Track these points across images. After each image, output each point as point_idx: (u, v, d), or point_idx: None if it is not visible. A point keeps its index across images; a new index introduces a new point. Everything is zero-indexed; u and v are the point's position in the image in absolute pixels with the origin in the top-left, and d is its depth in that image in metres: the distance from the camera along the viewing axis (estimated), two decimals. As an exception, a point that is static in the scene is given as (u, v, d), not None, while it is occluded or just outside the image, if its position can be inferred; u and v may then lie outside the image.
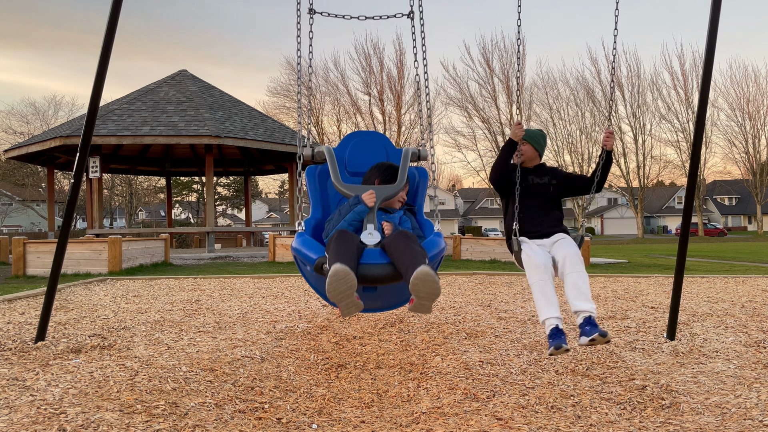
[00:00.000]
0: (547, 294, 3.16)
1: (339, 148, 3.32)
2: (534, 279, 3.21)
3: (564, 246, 3.34)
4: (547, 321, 3.14)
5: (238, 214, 67.87)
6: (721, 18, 3.87)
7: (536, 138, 3.75)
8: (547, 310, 3.14)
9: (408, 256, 2.38)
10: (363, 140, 3.31)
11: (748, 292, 7.12)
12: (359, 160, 3.24)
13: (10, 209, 49.84)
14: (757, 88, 52.53)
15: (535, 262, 3.22)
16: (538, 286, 3.18)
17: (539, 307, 3.18)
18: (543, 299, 3.16)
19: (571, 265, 3.18)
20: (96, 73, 4.06)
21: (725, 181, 69.29)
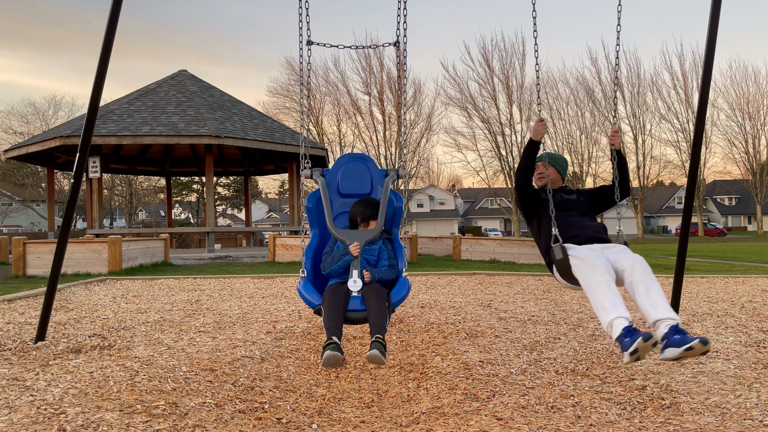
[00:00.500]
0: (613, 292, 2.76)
1: (332, 171, 3.77)
2: (594, 279, 2.82)
3: (626, 253, 3.01)
4: (616, 321, 2.69)
5: (238, 214, 67.89)
6: (721, 18, 3.87)
7: (560, 161, 3.76)
8: (614, 309, 2.72)
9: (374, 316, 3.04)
10: (351, 166, 3.75)
11: (748, 292, 7.12)
12: (348, 183, 3.73)
13: (10, 209, 49.84)
14: (757, 88, 52.62)
15: (593, 260, 2.89)
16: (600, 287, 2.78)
17: (604, 306, 2.75)
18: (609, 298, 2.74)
19: (642, 272, 2.84)
20: (96, 73, 4.06)
21: (725, 181, 69.30)
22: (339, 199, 3.67)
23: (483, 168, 47.80)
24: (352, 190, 3.68)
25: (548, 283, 8.35)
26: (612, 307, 2.71)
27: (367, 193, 3.71)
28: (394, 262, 3.45)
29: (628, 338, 2.56)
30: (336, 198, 3.67)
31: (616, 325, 2.67)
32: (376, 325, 3.01)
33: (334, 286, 3.21)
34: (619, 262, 2.94)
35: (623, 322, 2.66)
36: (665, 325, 2.65)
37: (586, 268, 2.89)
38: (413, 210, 69.73)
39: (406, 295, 3.29)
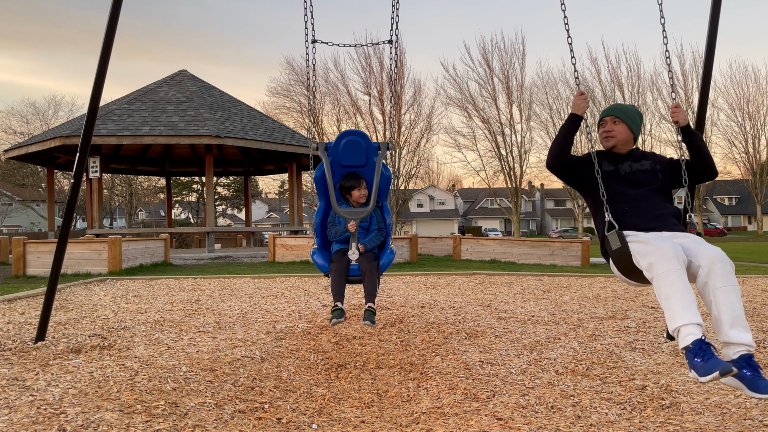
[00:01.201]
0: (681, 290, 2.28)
1: (334, 145, 4.25)
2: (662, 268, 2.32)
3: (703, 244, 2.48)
4: (685, 329, 2.28)
5: (238, 214, 67.88)
6: (721, 18, 3.87)
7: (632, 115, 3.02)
8: (685, 312, 2.28)
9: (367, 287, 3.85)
10: (350, 141, 4.23)
11: (748, 292, 7.11)
12: (348, 156, 4.24)
13: (10, 209, 49.83)
14: (757, 88, 52.55)
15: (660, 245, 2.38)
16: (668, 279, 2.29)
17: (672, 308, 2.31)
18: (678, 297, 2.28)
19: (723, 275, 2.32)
20: (96, 73, 4.06)
21: (725, 181, 69.28)
22: (340, 169, 4.25)
23: (483, 168, 47.74)
24: (350, 161, 4.25)
25: (548, 283, 8.35)
26: (683, 308, 2.27)
27: (363, 164, 4.25)
28: (382, 225, 4.22)
29: (699, 359, 2.20)
30: (338, 168, 4.25)
31: (685, 334, 2.27)
32: (368, 294, 3.81)
33: (338, 256, 3.95)
34: (694, 255, 2.42)
35: (695, 332, 2.25)
36: (736, 352, 2.28)
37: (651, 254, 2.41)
38: (413, 210, 69.71)
39: (390, 261, 4.11)
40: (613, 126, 3.01)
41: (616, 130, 3.00)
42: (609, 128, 3.03)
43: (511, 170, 45.38)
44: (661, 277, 2.33)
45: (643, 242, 2.52)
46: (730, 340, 2.30)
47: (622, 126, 3.00)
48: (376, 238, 4.13)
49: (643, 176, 2.92)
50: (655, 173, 2.94)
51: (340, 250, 4.01)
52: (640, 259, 2.50)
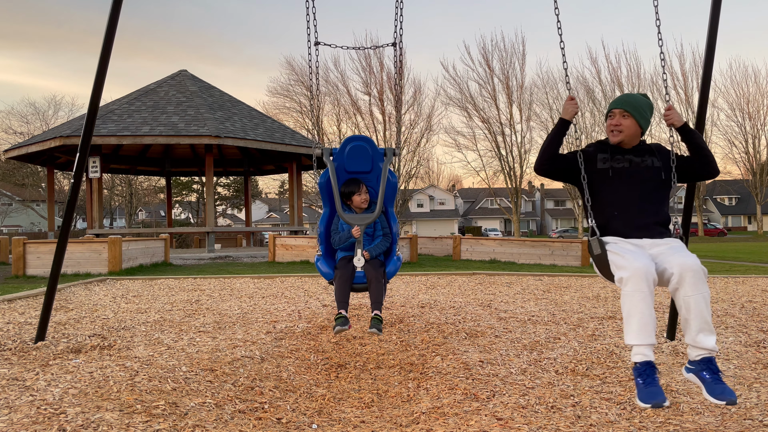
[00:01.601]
0: (643, 312, 2.42)
1: (339, 151, 4.16)
2: (628, 287, 2.46)
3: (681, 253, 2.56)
4: (637, 349, 2.46)
5: (238, 214, 67.88)
6: (721, 18, 3.87)
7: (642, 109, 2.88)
8: (642, 333, 2.43)
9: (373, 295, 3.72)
10: (355, 146, 4.15)
11: (748, 292, 7.11)
12: (353, 162, 4.16)
13: (10, 209, 49.84)
14: (757, 88, 52.60)
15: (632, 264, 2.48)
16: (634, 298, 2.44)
17: (629, 326, 2.46)
18: (637, 318, 2.43)
19: (695, 284, 2.44)
20: (96, 73, 4.06)
21: (725, 181, 69.30)
22: (345, 176, 4.18)
23: (483, 168, 47.77)
24: (356, 167, 4.18)
25: (548, 283, 8.35)
26: (640, 329, 2.42)
27: (368, 170, 4.18)
28: (388, 231, 4.12)
29: (641, 380, 2.40)
30: (342, 174, 4.17)
31: (636, 353, 2.46)
32: (375, 302, 3.68)
33: (343, 263, 3.88)
34: (668, 262, 2.53)
35: (646, 353, 2.44)
36: (699, 354, 2.47)
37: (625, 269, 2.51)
38: (413, 210, 69.71)
39: (396, 269, 4.00)
40: (621, 120, 2.87)
41: (624, 124, 2.86)
42: (617, 122, 2.89)
43: (511, 170, 45.39)
44: (627, 294, 2.45)
45: (620, 255, 2.58)
46: (696, 344, 2.48)
47: (630, 120, 2.86)
48: (381, 244, 4.03)
49: (644, 173, 2.84)
50: (658, 171, 2.86)
51: (345, 257, 3.94)
52: (615, 269, 2.59)
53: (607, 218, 2.81)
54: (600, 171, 2.86)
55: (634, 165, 2.85)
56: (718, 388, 2.36)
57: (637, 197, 2.80)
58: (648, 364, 2.43)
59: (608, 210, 2.81)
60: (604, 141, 2.99)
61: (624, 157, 2.87)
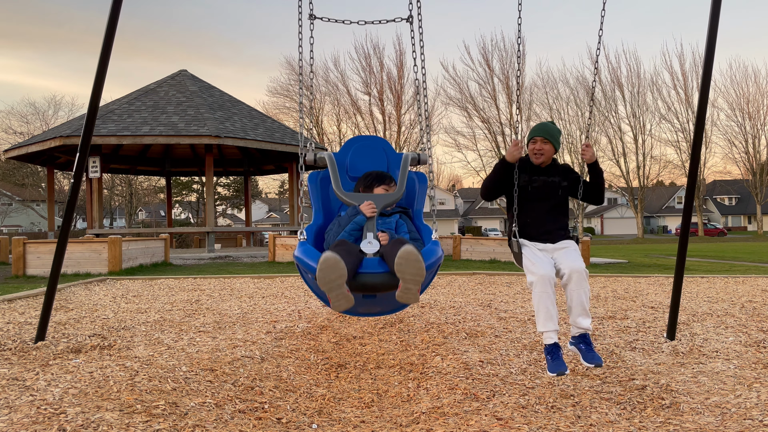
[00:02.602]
0: (547, 307, 3.18)
1: (340, 154, 3.39)
2: (536, 289, 3.19)
3: (571, 258, 3.30)
4: (546, 334, 3.22)
5: (238, 214, 67.87)
6: (721, 18, 3.87)
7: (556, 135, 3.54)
8: (548, 322, 3.20)
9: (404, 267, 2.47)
10: (363, 145, 3.39)
11: (748, 292, 7.12)
12: (360, 165, 3.34)
13: (10, 209, 49.82)
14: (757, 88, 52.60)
15: (539, 272, 3.20)
16: (539, 297, 3.19)
17: (539, 318, 3.23)
18: (543, 312, 3.19)
19: (578, 282, 3.22)
20: (96, 73, 4.06)
21: (725, 181, 69.29)
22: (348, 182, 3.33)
23: (483, 168, 47.82)
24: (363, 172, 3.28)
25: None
26: (546, 319, 3.18)
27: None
28: (417, 236, 3.11)
29: (550, 357, 3.16)
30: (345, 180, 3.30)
31: (546, 337, 3.21)
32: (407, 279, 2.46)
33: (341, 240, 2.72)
34: (562, 263, 3.28)
35: (552, 336, 3.20)
36: (578, 331, 3.29)
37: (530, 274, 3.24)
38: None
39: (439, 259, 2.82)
40: (543, 145, 3.49)
41: (544, 149, 3.49)
42: (539, 147, 3.50)
43: (511, 170, 45.36)
44: (535, 294, 3.19)
45: (531, 261, 3.27)
46: (576, 324, 3.28)
47: (549, 145, 3.50)
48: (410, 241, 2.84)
49: (550, 190, 3.49)
50: (560, 188, 3.51)
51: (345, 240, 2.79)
52: (526, 272, 3.31)
53: (523, 225, 3.48)
54: (521, 188, 3.49)
55: (545, 185, 3.50)
56: (589, 356, 3.14)
57: (545, 210, 3.48)
58: (554, 345, 3.19)
59: (524, 219, 3.48)
60: (526, 160, 3.54)
61: (539, 178, 3.51)
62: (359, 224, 2.86)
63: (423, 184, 3.46)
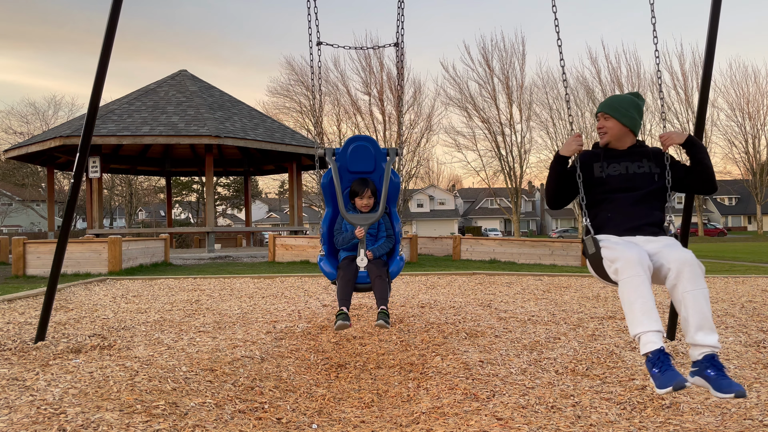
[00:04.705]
0: (644, 296, 2.37)
1: (342, 151, 4.15)
2: (625, 274, 2.42)
3: (676, 249, 2.53)
4: (645, 336, 2.35)
5: (238, 214, 67.87)
6: (721, 18, 3.87)
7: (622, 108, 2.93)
8: (646, 319, 2.35)
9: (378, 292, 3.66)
10: (358, 146, 4.14)
11: (748, 292, 7.11)
12: (356, 163, 4.15)
13: (10, 209, 49.83)
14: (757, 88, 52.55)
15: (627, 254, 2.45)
16: (632, 283, 2.39)
17: (632, 314, 2.39)
18: (639, 303, 2.36)
19: (693, 279, 2.38)
20: (96, 73, 4.06)
21: (725, 181, 69.26)
22: (348, 176, 4.16)
23: (483, 168, 47.79)
24: (359, 168, 4.17)
25: (548, 283, 8.35)
26: (643, 315, 2.35)
27: (371, 170, 4.16)
28: (391, 232, 4.11)
29: (657, 369, 2.28)
30: (345, 174, 4.16)
31: (645, 342, 2.35)
32: (380, 298, 3.64)
33: (345, 263, 3.84)
34: (665, 258, 2.49)
35: (655, 340, 2.32)
36: (701, 353, 2.37)
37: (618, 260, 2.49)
38: (413, 210, 69.70)
39: (399, 269, 4.00)
40: (604, 122, 2.97)
41: (607, 126, 2.95)
42: (601, 125, 2.99)
43: (511, 170, 45.41)
44: (625, 282, 2.41)
45: (611, 248, 2.58)
46: (696, 342, 2.38)
47: (612, 122, 2.94)
48: (384, 245, 4.03)
49: (638, 180, 2.89)
50: (652, 176, 2.90)
51: (348, 257, 3.91)
52: (608, 264, 2.58)
53: (601, 220, 2.88)
54: (597, 179, 2.93)
55: (630, 171, 2.90)
56: (725, 383, 2.25)
57: (630, 203, 2.85)
58: (660, 351, 2.30)
59: (602, 213, 2.88)
60: (597, 145, 3.06)
61: (620, 164, 2.92)
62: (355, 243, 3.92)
63: (396, 181, 4.14)
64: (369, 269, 3.77)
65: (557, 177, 2.97)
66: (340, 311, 3.54)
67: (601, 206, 2.90)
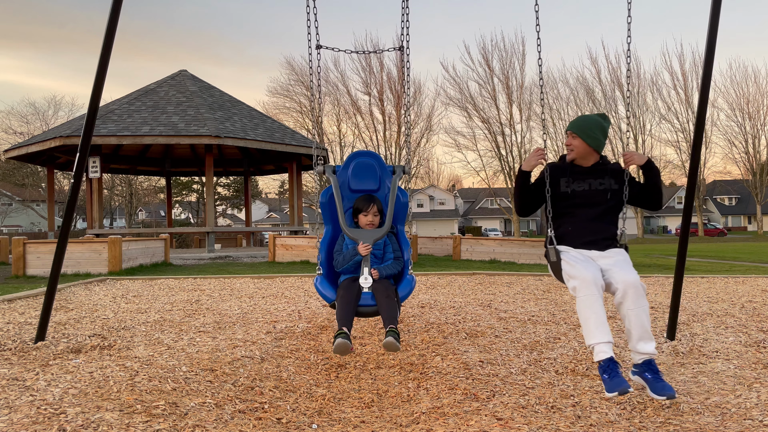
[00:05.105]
0: (597, 312, 2.77)
1: (343, 168, 3.92)
2: (581, 293, 2.81)
3: (624, 269, 2.88)
4: (598, 347, 2.77)
5: (238, 214, 67.89)
6: (721, 18, 3.87)
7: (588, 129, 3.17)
8: (599, 332, 2.76)
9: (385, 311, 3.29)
10: (360, 162, 3.91)
11: (748, 292, 7.11)
12: (358, 180, 3.89)
13: (10, 209, 49.84)
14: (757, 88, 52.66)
15: (583, 274, 2.83)
16: (587, 302, 2.79)
17: (587, 328, 2.80)
18: (593, 319, 2.77)
19: (635, 299, 2.79)
20: (96, 73, 4.06)
21: (725, 181, 69.33)
22: (349, 194, 3.88)
23: (483, 168, 47.90)
24: (361, 186, 3.88)
25: (548, 283, 8.35)
26: (596, 329, 2.77)
27: (375, 189, 3.87)
28: (399, 254, 3.68)
29: (606, 375, 2.72)
30: (347, 193, 3.87)
31: (598, 351, 2.79)
32: (388, 317, 3.27)
33: (347, 282, 3.46)
34: (613, 278, 2.89)
35: (606, 350, 2.76)
36: (641, 358, 2.85)
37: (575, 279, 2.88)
38: (413, 210, 69.53)
39: (410, 290, 3.53)
40: (572, 140, 3.22)
41: (574, 144, 3.21)
42: (569, 142, 3.25)
43: (511, 170, 45.40)
44: (581, 299, 2.81)
45: (572, 264, 2.92)
46: (637, 350, 2.85)
47: (578, 141, 3.18)
48: (392, 266, 3.61)
49: (598, 196, 3.16)
50: (611, 193, 3.18)
51: (350, 278, 3.53)
52: (567, 278, 2.94)
53: (563, 232, 3.18)
54: (562, 193, 3.20)
55: (593, 188, 3.18)
56: (659, 386, 2.71)
57: (590, 218, 3.15)
58: (610, 360, 2.74)
59: (564, 226, 3.18)
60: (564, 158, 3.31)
61: (584, 181, 3.20)
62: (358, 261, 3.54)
63: (405, 200, 3.89)
64: (374, 289, 3.38)
65: (521, 190, 3.25)
66: (340, 330, 3.19)
67: (563, 219, 3.20)
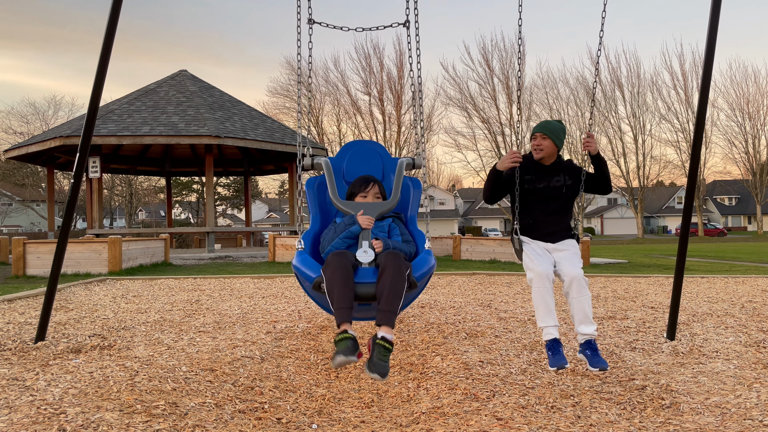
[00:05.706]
0: (546, 302, 3.27)
1: (337, 158, 3.36)
2: (535, 285, 3.28)
3: (572, 263, 3.35)
4: (546, 329, 3.30)
5: (238, 214, 67.87)
6: (721, 18, 3.87)
7: (557, 132, 3.53)
8: (547, 317, 3.28)
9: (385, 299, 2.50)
10: (359, 150, 3.37)
11: (748, 292, 7.11)
12: (356, 169, 3.31)
13: (10, 209, 49.82)
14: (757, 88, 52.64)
15: (537, 269, 3.29)
16: (538, 293, 3.27)
17: (538, 314, 3.32)
18: (543, 307, 3.28)
19: (578, 289, 3.28)
20: (96, 73, 4.06)
21: (725, 181, 69.29)
22: (344, 186, 3.29)
23: (483, 168, 47.80)
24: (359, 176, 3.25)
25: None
26: (546, 314, 3.28)
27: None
28: (409, 238, 3.06)
29: (551, 352, 3.23)
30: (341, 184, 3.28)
31: (546, 333, 3.29)
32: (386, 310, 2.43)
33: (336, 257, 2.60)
34: (562, 271, 3.35)
35: (552, 332, 3.28)
36: (583, 337, 3.33)
37: (529, 271, 3.33)
38: (413, 210, 69.51)
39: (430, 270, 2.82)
40: (542, 141, 3.51)
41: (543, 144, 3.51)
42: (538, 143, 3.53)
43: (511, 170, 45.37)
44: (535, 290, 3.27)
45: (530, 258, 3.36)
46: (580, 332, 3.32)
47: (548, 142, 3.50)
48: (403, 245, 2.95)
49: (554, 192, 3.53)
50: (564, 188, 3.53)
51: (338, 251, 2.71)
52: (525, 269, 3.41)
53: (526, 224, 3.55)
54: (525, 190, 3.54)
55: (550, 185, 3.53)
56: (594, 360, 3.23)
57: (549, 212, 3.53)
58: (554, 341, 3.26)
59: (527, 219, 3.55)
60: (529, 158, 3.58)
61: (545, 178, 3.53)
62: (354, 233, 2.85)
63: (417, 189, 3.38)
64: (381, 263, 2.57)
65: (492, 185, 3.54)
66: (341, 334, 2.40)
67: (526, 212, 3.55)
